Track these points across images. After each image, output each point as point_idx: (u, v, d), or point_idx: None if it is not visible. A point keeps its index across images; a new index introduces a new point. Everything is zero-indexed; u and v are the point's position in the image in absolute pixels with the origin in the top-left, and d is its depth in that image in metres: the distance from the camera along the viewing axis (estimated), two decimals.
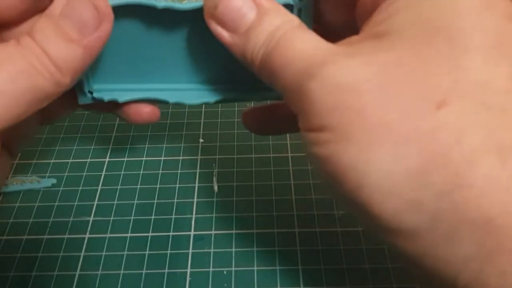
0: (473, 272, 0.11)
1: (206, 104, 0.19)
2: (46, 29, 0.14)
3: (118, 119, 0.31)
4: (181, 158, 0.29)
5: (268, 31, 0.14)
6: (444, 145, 0.11)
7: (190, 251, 0.24)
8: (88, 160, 0.29)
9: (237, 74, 0.19)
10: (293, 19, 0.14)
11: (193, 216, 0.26)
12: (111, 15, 0.15)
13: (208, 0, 0.15)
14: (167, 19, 0.17)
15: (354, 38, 0.14)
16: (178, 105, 0.19)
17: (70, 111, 0.20)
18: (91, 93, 0.18)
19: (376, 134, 0.12)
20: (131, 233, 0.25)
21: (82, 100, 0.19)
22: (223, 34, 0.15)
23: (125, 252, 0.24)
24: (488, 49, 0.12)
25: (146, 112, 0.19)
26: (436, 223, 0.11)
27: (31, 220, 0.26)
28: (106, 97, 0.18)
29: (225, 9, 0.15)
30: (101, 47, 0.15)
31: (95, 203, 0.26)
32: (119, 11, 0.16)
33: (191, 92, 0.19)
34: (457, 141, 0.11)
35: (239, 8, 0.15)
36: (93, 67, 0.16)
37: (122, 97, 0.18)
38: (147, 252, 0.24)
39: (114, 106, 0.19)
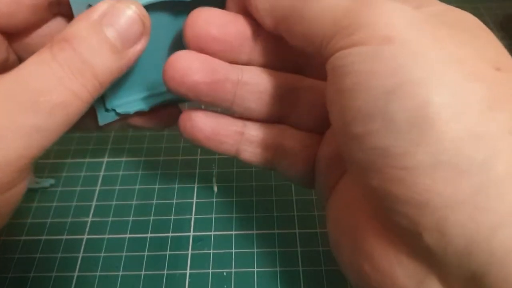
0: None
1: None
2: (90, 38, 0.13)
3: None
4: (180, 158, 0.29)
5: None
6: None
7: (190, 252, 0.24)
8: (87, 160, 0.28)
9: None
10: None
11: (193, 217, 0.25)
12: (150, 30, 0.15)
13: None
14: (173, 11, 0.16)
15: None
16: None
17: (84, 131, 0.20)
18: (113, 110, 0.18)
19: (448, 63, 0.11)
20: (129, 234, 0.25)
21: (104, 120, 0.18)
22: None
23: (124, 253, 0.24)
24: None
25: (171, 113, 0.19)
26: (491, 162, 0.10)
27: (29, 220, 0.25)
28: (131, 109, 0.18)
29: None
30: (136, 59, 0.15)
31: (94, 203, 0.26)
32: None
33: None
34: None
35: None
36: (112, 86, 0.16)
37: (147, 105, 0.18)
38: (146, 253, 0.24)
39: (139, 120, 0.19)
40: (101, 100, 0.18)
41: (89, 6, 0.14)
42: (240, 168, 0.28)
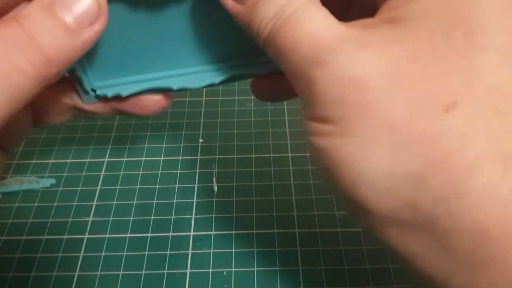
0: (464, 278, 0.11)
1: (211, 85, 0.18)
2: (40, 16, 0.13)
3: (117, 118, 0.31)
4: (180, 158, 0.29)
5: (279, 5, 0.13)
6: (446, 151, 0.11)
7: (190, 251, 0.24)
8: (87, 160, 0.29)
9: (239, 50, 0.18)
10: None
11: (193, 217, 0.25)
12: (107, 9, 0.14)
13: None
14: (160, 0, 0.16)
15: (369, 20, 0.13)
16: (182, 91, 0.18)
17: (65, 117, 0.20)
18: (94, 91, 0.18)
19: (378, 132, 0.11)
20: (130, 233, 0.25)
21: (87, 100, 0.18)
22: (229, 3, 0.14)
23: (125, 253, 0.24)
24: (505, 51, 0.11)
25: (154, 101, 0.19)
26: (430, 226, 0.11)
27: (30, 220, 0.25)
28: (109, 92, 0.18)
29: None
30: (95, 41, 0.14)
31: (94, 203, 0.26)
32: None
33: (194, 76, 0.18)
34: (461, 147, 0.11)
35: None
36: (92, 64, 0.16)
37: (125, 91, 0.18)
38: (146, 253, 0.24)
39: (118, 104, 0.19)
40: (85, 79, 0.17)
41: None
42: (240, 168, 0.28)
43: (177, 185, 0.27)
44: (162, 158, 0.29)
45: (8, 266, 0.23)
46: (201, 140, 0.30)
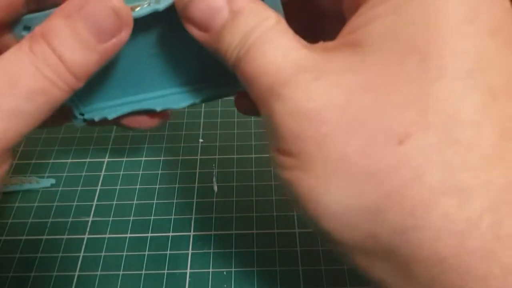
0: None
1: (193, 105, 0.19)
2: (63, 33, 0.13)
3: None
4: (180, 158, 0.29)
5: (243, 32, 0.13)
6: (401, 184, 0.11)
7: (190, 251, 0.24)
8: (87, 160, 0.29)
9: (218, 70, 0.18)
10: (270, 17, 0.13)
11: (193, 217, 0.25)
12: (131, 23, 0.14)
13: None
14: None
15: (330, 44, 0.13)
16: (166, 110, 0.19)
17: (67, 120, 0.20)
18: (82, 115, 0.19)
19: (335, 167, 0.11)
20: (130, 233, 0.25)
21: (77, 123, 0.19)
22: (194, 31, 0.14)
23: (125, 253, 0.24)
24: (463, 75, 0.11)
25: (145, 120, 0.19)
26: (392, 256, 0.11)
27: (30, 220, 0.25)
28: (96, 116, 0.19)
29: (195, 9, 0.14)
30: (116, 52, 0.15)
31: (94, 203, 0.26)
32: None
33: (176, 96, 0.19)
34: (415, 179, 0.11)
35: (210, 8, 0.13)
36: (78, 90, 0.16)
37: (111, 114, 0.19)
38: (146, 253, 0.24)
39: (115, 120, 0.19)
40: (73, 104, 0.18)
41: (26, 27, 0.15)
42: (240, 168, 0.28)
43: (177, 185, 0.27)
44: (162, 158, 0.29)
45: (8, 266, 0.23)
46: (201, 140, 0.30)
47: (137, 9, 0.15)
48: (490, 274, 0.10)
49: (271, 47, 0.13)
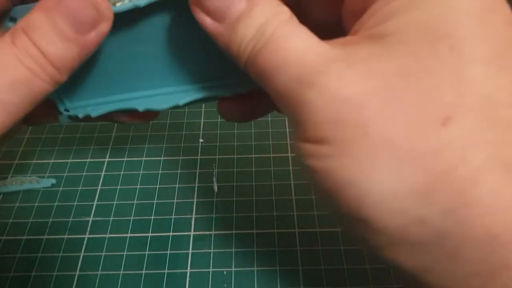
0: (475, 287, 0.11)
1: (175, 107, 0.19)
2: (43, 27, 0.14)
3: None
4: (181, 158, 0.29)
5: (258, 24, 0.13)
6: (449, 164, 0.11)
7: (190, 251, 0.24)
8: (88, 160, 0.29)
9: (204, 73, 0.18)
10: (284, 10, 0.13)
11: (193, 216, 0.26)
12: (111, 16, 0.15)
13: None
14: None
15: (348, 39, 0.13)
16: (148, 111, 0.19)
17: (52, 119, 0.20)
18: (67, 111, 0.18)
19: (379, 151, 0.11)
20: (130, 233, 0.25)
21: (62, 119, 0.19)
22: (207, 21, 0.14)
23: (125, 252, 0.24)
24: (490, 60, 0.11)
25: (129, 118, 0.19)
26: (441, 240, 0.11)
27: (30, 220, 0.26)
28: (80, 113, 0.18)
29: None
30: (97, 45, 0.15)
31: (95, 203, 0.26)
32: None
33: (160, 97, 0.19)
34: (462, 159, 0.11)
35: None
36: (63, 86, 0.16)
37: (94, 112, 0.18)
38: (146, 253, 0.24)
39: (99, 117, 0.19)
40: (58, 100, 0.18)
41: (12, 19, 0.15)
42: (240, 168, 0.28)
43: (177, 185, 0.27)
44: (162, 158, 0.29)
45: (8, 266, 0.24)
46: (201, 140, 0.30)
47: (118, 4, 0.15)
48: None
49: (293, 39, 0.13)
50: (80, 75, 0.18)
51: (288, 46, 0.12)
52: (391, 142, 0.11)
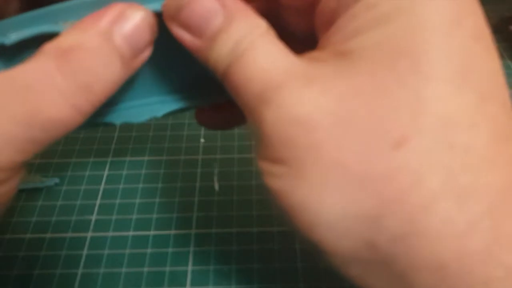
0: None
1: (154, 118, 0.18)
2: (98, 49, 0.12)
3: None
4: (182, 157, 0.29)
5: (234, 40, 0.13)
6: (400, 189, 0.10)
7: (191, 249, 0.24)
8: (91, 159, 0.29)
9: (181, 83, 0.18)
10: (260, 25, 0.13)
11: (194, 215, 0.26)
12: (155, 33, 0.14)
13: (170, 1, 0.13)
14: None
15: (315, 54, 0.13)
16: (126, 124, 0.18)
17: None
18: None
19: (330, 173, 0.11)
20: (133, 231, 0.25)
21: None
22: (185, 36, 0.13)
23: (127, 250, 0.24)
24: (452, 78, 0.11)
25: None
26: (390, 264, 0.11)
27: (34, 219, 0.26)
28: None
29: (190, 12, 0.13)
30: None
31: (98, 202, 0.26)
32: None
33: (137, 109, 0.18)
34: (414, 184, 0.10)
35: (206, 11, 0.13)
36: None
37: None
38: (148, 250, 0.24)
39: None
40: None
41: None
42: (240, 167, 0.28)
43: (179, 184, 0.27)
44: (164, 157, 0.29)
45: (12, 264, 0.24)
46: (202, 140, 0.30)
47: None
48: (493, 276, 0.10)
49: (261, 54, 0.12)
50: None
51: (255, 61, 0.12)
52: (343, 165, 0.11)
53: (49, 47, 0.12)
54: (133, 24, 0.13)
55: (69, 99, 0.12)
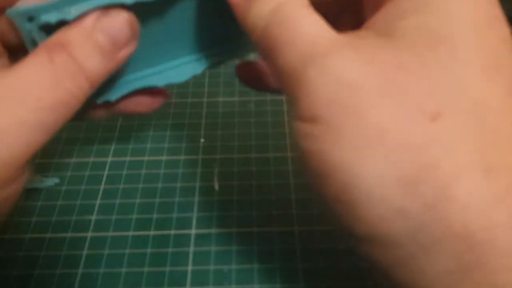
0: (448, 286, 0.11)
1: (195, 76, 0.19)
2: (84, 44, 0.14)
3: (120, 119, 0.31)
4: (182, 157, 0.29)
5: (275, 3, 0.14)
6: (434, 158, 0.11)
7: (191, 249, 0.24)
8: (91, 159, 0.29)
9: (213, 39, 0.18)
10: None
11: (194, 215, 0.26)
12: (138, 29, 0.15)
13: None
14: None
15: (359, 32, 0.14)
16: (169, 85, 0.19)
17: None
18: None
19: (371, 136, 0.11)
20: (133, 231, 0.25)
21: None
22: None
23: (127, 250, 0.24)
24: (486, 69, 0.12)
25: (146, 101, 0.19)
26: (419, 234, 0.11)
27: (34, 219, 0.26)
28: (99, 100, 0.18)
29: None
30: (124, 61, 0.16)
31: (98, 202, 0.27)
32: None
33: (175, 70, 0.19)
34: (446, 156, 0.11)
35: None
36: None
37: (113, 95, 0.18)
38: (148, 250, 0.24)
39: (116, 105, 0.19)
40: None
41: (30, 18, 0.14)
42: (240, 168, 0.28)
43: (178, 184, 0.27)
44: (164, 157, 0.29)
45: (12, 264, 0.24)
46: (202, 140, 0.30)
47: None
48: None
49: (306, 21, 0.13)
50: None
51: (299, 26, 0.13)
52: (383, 130, 0.11)
53: (44, 43, 0.14)
54: (112, 21, 0.15)
55: (64, 84, 0.14)
